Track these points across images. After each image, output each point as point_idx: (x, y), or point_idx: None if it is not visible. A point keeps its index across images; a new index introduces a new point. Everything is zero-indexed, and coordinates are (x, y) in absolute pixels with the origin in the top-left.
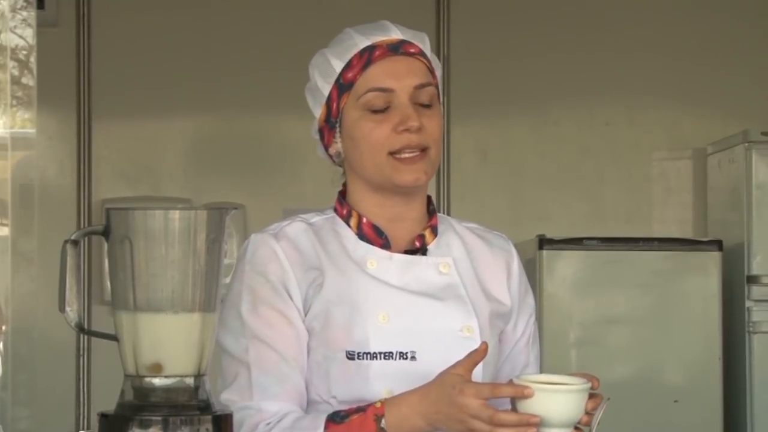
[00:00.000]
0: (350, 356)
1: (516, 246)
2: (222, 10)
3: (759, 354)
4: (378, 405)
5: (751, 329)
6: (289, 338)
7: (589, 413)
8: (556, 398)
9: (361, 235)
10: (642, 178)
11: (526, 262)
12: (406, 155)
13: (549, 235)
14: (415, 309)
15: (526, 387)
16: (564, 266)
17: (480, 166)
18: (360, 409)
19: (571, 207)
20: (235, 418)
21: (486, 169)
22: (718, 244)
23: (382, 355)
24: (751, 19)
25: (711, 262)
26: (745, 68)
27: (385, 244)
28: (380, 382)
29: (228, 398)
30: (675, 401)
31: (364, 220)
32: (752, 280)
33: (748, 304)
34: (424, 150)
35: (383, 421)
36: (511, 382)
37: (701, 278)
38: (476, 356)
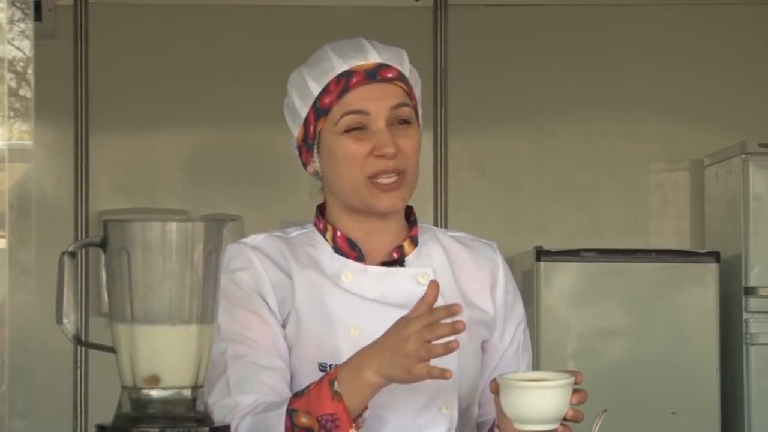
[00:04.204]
0: (323, 368)
1: (513, 257)
2: (220, 23)
3: (756, 365)
4: (332, 371)
5: (748, 341)
6: (264, 335)
7: (574, 408)
8: (540, 394)
9: (336, 249)
10: (639, 189)
11: (524, 274)
12: (384, 181)
13: (546, 247)
14: (389, 320)
15: (455, 304)
16: (561, 278)
17: (477, 178)
18: (319, 380)
19: (569, 219)
20: (217, 418)
21: (483, 181)
22: (715, 256)
23: None
24: (748, 31)
25: (708, 273)
26: (742, 80)
27: (359, 257)
28: None
29: (212, 401)
30: (672, 413)
31: (338, 233)
32: (749, 291)
33: (745, 315)
34: (400, 173)
35: (336, 383)
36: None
37: (699, 290)
38: (428, 296)
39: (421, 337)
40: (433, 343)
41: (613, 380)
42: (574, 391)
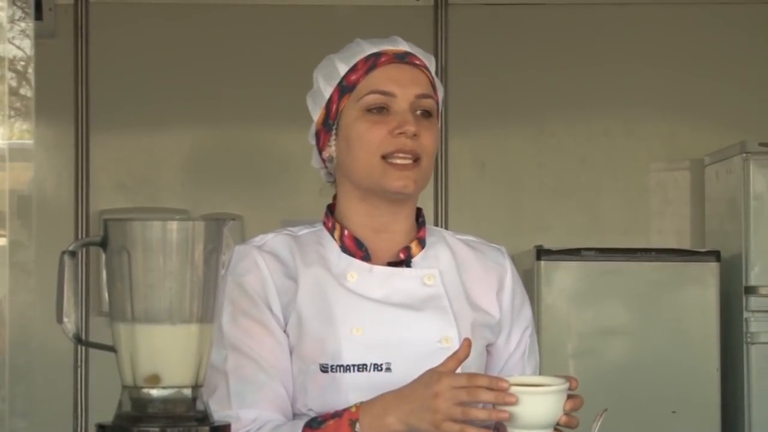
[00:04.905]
0: (324, 369)
1: (514, 257)
2: (220, 23)
3: (757, 364)
4: (353, 410)
5: (749, 340)
6: (267, 347)
7: (567, 414)
8: (534, 400)
9: (344, 248)
10: (640, 188)
11: (524, 273)
12: (399, 161)
13: (547, 246)
14: (392, 320)
15: (503, 379)
16: (562, 277)
17: (478, 177)
18: (336, 414)
19: (569, 218)
20: None
21: (484, 180)
22: (715, 255)
23: (356, 368)
24: (748, 30)
25: (709, 272)
26: (742, 79)
27: (366, 256)
28: (354, 394)
29: (213, 410)
30: (673, 412)
31: (346, 232)
32: (750, 290)
33: (745, 314)
34: (416, 160)
35: (357, 425)
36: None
37: (699, 289)
38: (460, 353)
39: (455, 396)
40: (473, 408)
41: (613, 379)
42: (569, 397)
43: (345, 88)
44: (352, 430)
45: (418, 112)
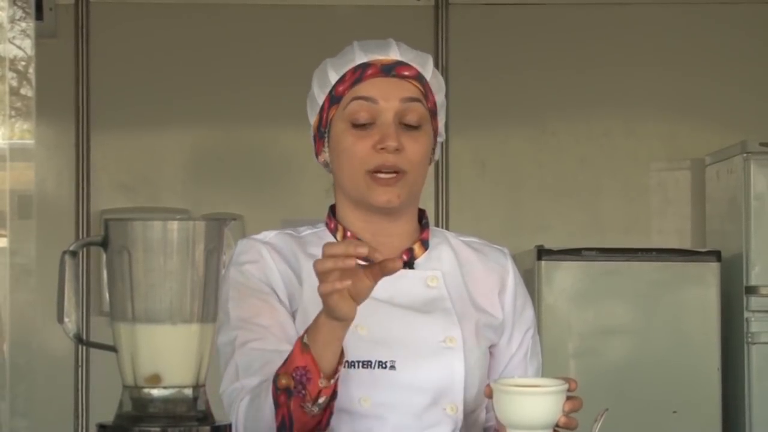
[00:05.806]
0: None
1: (514, 257)
2: (221, 22)
3: (758, 364)
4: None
5: (749, 340)
6: (273, 321)
7: (566, 415)
8: (531, 400)
9: None
10: (640, 188)
11: (525, 273)
12: (382, 176)
13: (547, 246)
14: (396, 321)
15: (357, 243)
16: (562, 277)
17: (479, 177)
18: None
19: (570, 217)
20: (225, 403)
21: (485, 180)
22: (716, 255)
23: (360, 364)
24: (748, 30)
25: (709, 272)
26: (743, 79)
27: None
28: (358, 390)
29: (222, 389)
30: (674, 412)
31: (348, 233)
32: (751, 290)
33: (746, 314)
34: (400, 173)
35: (306, 337)
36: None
37: (700, 289)
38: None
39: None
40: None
41: (614, 379)
42: (568, 398)
43: (334, 98)
44: (302, 342)
45: (404, 121)
